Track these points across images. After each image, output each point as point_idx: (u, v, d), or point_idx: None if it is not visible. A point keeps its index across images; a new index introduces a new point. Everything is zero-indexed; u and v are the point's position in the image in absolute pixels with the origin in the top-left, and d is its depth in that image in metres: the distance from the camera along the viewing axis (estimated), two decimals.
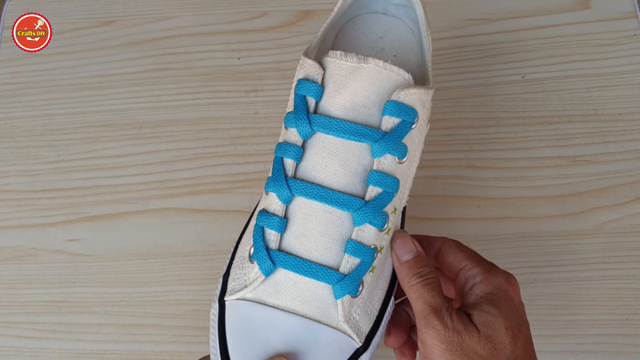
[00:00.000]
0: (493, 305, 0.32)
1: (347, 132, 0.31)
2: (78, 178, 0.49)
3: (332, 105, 0.32)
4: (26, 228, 0.48)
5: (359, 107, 0.32)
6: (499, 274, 0.34)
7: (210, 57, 0.53)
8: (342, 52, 0.32)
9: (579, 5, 0.55)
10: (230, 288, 0.33)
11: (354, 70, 0.31)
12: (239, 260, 0.34)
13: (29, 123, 0.52)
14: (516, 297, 0.34)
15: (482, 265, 0.34)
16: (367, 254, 0.32)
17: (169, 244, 0.47)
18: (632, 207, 0.48)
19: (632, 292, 0.45)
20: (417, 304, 0.32)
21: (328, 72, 0.32)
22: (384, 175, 0.32)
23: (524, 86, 0.52)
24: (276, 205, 0.32)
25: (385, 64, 0.31)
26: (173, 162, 0.50)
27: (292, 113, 0.33)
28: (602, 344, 0.44)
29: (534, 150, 0.50)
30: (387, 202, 0.32)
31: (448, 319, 0.31)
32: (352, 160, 0.32)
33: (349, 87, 0.32)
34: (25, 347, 0.45)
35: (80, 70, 0.53)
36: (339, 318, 0.32)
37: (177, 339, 0.45)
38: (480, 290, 0.33)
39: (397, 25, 0.42)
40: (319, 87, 0.32)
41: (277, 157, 0.33)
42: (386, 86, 0.32)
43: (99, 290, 0.46)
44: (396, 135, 0.32)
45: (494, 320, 0.31)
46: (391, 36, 0.41)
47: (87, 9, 0.56)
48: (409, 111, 0.32)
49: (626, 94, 0.51)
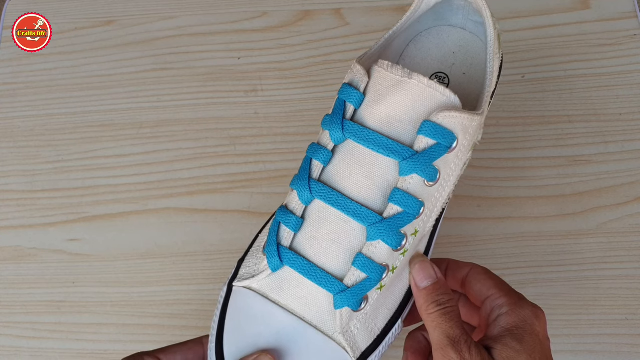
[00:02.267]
0: (517, 341, 0.31)
1: (377, 145, 0.31)
2: (78, 178, 0.49)
3: (368, 115, 0.31)
4: (26, 228, 0.48)
5: (395, 121, 0.31)
6: (526, 306, 0.32)
7: (210, 57, 0.53)
8: (389, 63, 0.31)
9: (579, 5, 0.55)
10: (241, 274, 0.34)
11: (397, 84, 0.31)
12: (255, 248, 0.34)
13: (29, 123, 0.52)
14: (542, 332, 0.32)
15: (510, 296, 0.33)
16: (375, 271, 0.31)
17: (169, 244, 0.47)
18: (632, 207, 0.48)
19: (632, 292, 0.45)
20: (435, 333, 0.31)
21: (372, 81, 0.32)
22: (406, 195, 0.31)
23: (524, 86, 0.52)
24: (296, 204, 0.32)
25: (429, 82, 0.30)
26: (173, 162, 0.50)
27: (330, 116, 0.32)
28: (602, 344, 0.44)
29: (533, 150, 0.50)
30: (405, 222, 0.31)
31: (466, 352, 0.30)
32: (377, 173, 0.31)
33: (388, 100, 0.31)
34: (25, 347, 0.45)
35: (80, 70, 0.53)
36: (335, 328, 0.31)
37: (177, 339, 0.45)
38: (505, 322, 0.32)
39: (473, 42, 0.40)
40: (360, 94, 0.32)
41: (307, 157, 0.33)
42: (427, 105, 0.31)
43: (99, 290, 0.46)
44: (427, 156, 0.31)
45: (517, 357, 0.30)
46: (465, 53, 0.40)
47: (87, 9, 0.56)
48: (446, 134, 0.31)
49: (626, 94, 0.51)
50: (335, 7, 0.55)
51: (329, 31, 0.54)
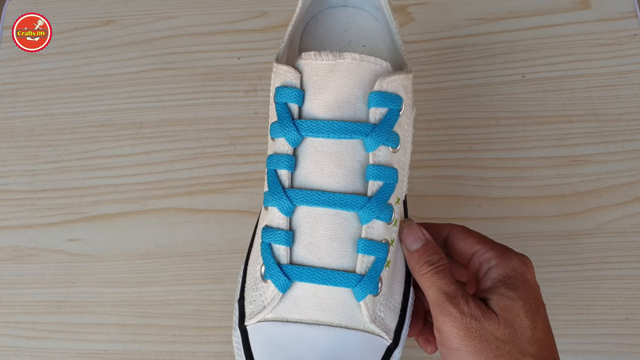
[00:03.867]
0: (511, 289, 0.32)
1: (337, 132, 0.31)
2: (78, 178, 0.49)
3: (316, 108, 0.31)
4: (26, 228, 0.48)
5: (344, 104, 0.31)
6: (513, 256, 0.33)
7: (210, 57, 0.53)
8: (315, 52, 0.31)
9: (579, 5, 0.55)
10: (249, 312, 0.32)
11: (332, 68, 0.31)
12: (252, 281, 0.33)
13: (29, 123, 0.52)
14: (532, 279, 0.33)
15: (496, 249, 0.34)
16: (380, 249, 0.31)
17: (169, 244, 0.47)
18: (632, 207, 0.48)
19: (632, 292, 0.45)
20: (430, 292, 0.32)
21: (306, 74, 0.31)
22: (381, 167, 0.31)
23: (524, 86, 0.52)
24: (279, 219, 0.31)
25: (361, 56, 0.31)
26: (173, 162, 0.50)
27: (277, 122, 0.32)
28: (602, 344, 0.44)
29: (534, 150, 0.50)
30: (389, 193, 0.31)
31: (464, 305, 0.31)
32: (347, 159, 0.31)
33: (330, 86, 0.31)
34: (25, 347, 0.45)
35: (80, 70, 0.53)
36: (364, 320, 0.31)
37: (177, 339, 0.45)
38: (496, 273, 0.33)
39: (359, 15, 0.41)
40: (299, 91, 0.31)
41: (270, 170, 0.32)
42: (367, 78, 0.31)
43: (99, 290, 0.46)
44: (386, 125, 0.31)
45: (513, 304, 0.31)
46: (355, 27, 0.40)
47: (87, 9, 0.56)
48: (394, 99, 0.31)
49: (626, 94, 0.51)
50: None
51: None
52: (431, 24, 0.54)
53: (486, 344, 0.30)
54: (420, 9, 0.55)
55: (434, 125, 0.50)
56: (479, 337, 0.30)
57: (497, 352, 0.30)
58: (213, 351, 0.44)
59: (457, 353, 0.31)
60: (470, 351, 0.30)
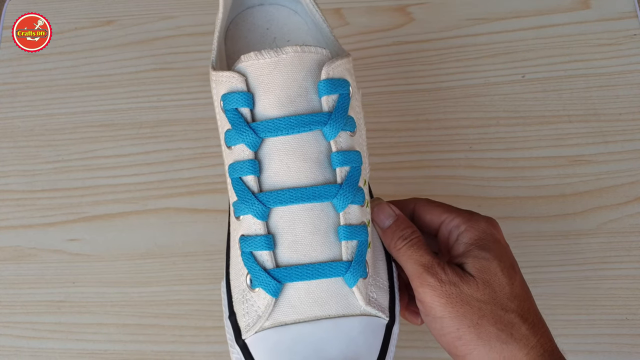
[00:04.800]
0: (484, 250, 0.32)
1: (295, 127, 0.31)
2: (78, 178, 0.49)
3: (269, 107, 0.31)
4: (26, 228, 0.48)
5: (295, 97, 0.31)
6: (480, 219, 0.34)
7: (210, 57, 0.53)
8: (255, 52, 0.31)
9: (579, 5, 0.55)
10: (244, 325, 0.32)
11: (276, 65, 0.31)
12: (239, 294, 0.33)
13: (28, 123, 0.52)
14: (502, 239, 0.34)
15: (462, 215, 0.35)
16: (361, 232, 0.31)
17: (169, 244, 0.47)
18: (632, 207, 0.48)
19: (632, 292, 0.45)
20: (408, 265, 0.33)
21: (250, 76, 0.31)
22: (345, 152, 0.31)
23: (524, 86, 0.52)
24: (256, 225, 0.31)
25: (302, 47, 0.31)
26: (172, 162, 0.50)
27: (232, 130, 0.31)
28: (602, 344, 0.44)
29: (533, 150, 0.49)
30: (358, 176, 0.32)
31: (442, 273, 0.31)
32: (310, 151, 0.31)
33: (278, 83, 0.31)
34: (25, 347, 0.45)
35: (80, 70, 0.53)
36: (360, 304, 0.31)
37: (177, 339, 0.45)
38: (467, 237, 0.33)
39: (278, 12, 0.41)
40: (248, 94, 0.31)
41: (235, 179, 0.32)
42: (312, 68, 0.31)
43: (99, 290, 0.46)
44: (341, 110, 0.31)
45: (489, 264, 0.32)
46: (277, 24, 0.40)
47: (87, 9, 0.56)
48: (343, 84, 0.32)
49: (626, 94, 0.51)
50: (335, 7, 0.55)
51: None
52: (431, 24, 0.54)
53: (468, 307, 0.31)
54: (420, 9, 0.55)
55: (434, 125, 0.50)
56: (460, 301, 0.31)
57: (480, 313, 0.31)
58: (213, 351, 0.44)
59: (441, 320, 0.31)
60: (453, 316, 0.31)
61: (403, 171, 0.49)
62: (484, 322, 0.31)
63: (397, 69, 0.53)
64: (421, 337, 0.44)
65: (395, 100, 0.52)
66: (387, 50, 0.53)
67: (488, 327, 0.31)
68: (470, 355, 0.31)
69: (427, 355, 0.44)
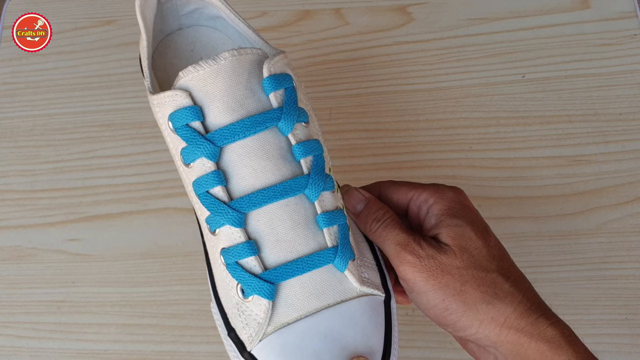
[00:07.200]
0: (456, 217, 0.33)
1: (250, 128, 0.31)
2: (78, 178, 0.49)
3: (220, 116, 0.31)
4: (26, 228, 0.48)
5: (244, 100, 0.31)
6: (446, 189, 0.35)
7: None
8: (193, 65, 0.31)
9: (579, 5, 0.55)
10: (247, 337, 0.32)
11: (216, 72, 0.31)
12: (233, 309, 0.32)
13: (29, 123, 0.52)
14: (470, 204, 0.35)
15: (428, 189, 0.35)
16: (339, 216, 0.32)
17: (169, 244, 0.47)
18: (632, 207, 0.48)
19: (632, 292, 0.45)
20: (385, 246, 0.33)
21: (194, 89, 0.31)
22: (305, 143, 0.32)
23: (524, 86, 0.52)
24: (235, 234, 0.31)
25: (238, 50, 0.31)
26: (172, 162, 0.49)
27: (188, 147, 0.31)
28: (602, 344, 0.44)
29: (533, 150, 0.50)
30: (322, 163, 0.32)
31: (419, 248, 0.32)
32: (271, 149, 0.31)
33: (223, 90, 0.31)
34: (25, 347, 0.45)
35: (80, 70, 0.53)
36: (355, 286, 0.32)
37: (177, 339, 0.45)
38: (437, 209, 0.34)
39: (197, 32, 0.41)
40: (196, 107, 0.31)
41: (202, 194, 0.31)
42: (252, 69, 0.31)
43: (99, 290, 0.46)
44: (290, 103, 0.32)
45: (462, 230, 0.32)
46: (200, 44, 0.41)
47: (87, 8, 0.56)
48: (285, 77, 0.32)
49: (626, 94, 0.51)
50: (335, 7, 0.55)
51: (329, 31, 0.54)
52: (431, 24, 0.54)
53: (449, 277, 0.31)
54: (420, 9, 0.55)
55: (434, 125, 0.50)
56: (441, 272, 0.31)
57: (462, 280, 0.31)
58: (213, 351, 0.44)
59: (426, 295, 0.32)
60: (437, 288, 0.31)
61: (403, 171, 0.49)
62: (467, 287, 0.31)
63: (397, 69, 0.53)
64: (421, 337, 0.44)
65: (395, 100, 0.52)
66: (387, 50, 0.53)
67: (472, 291, 0.31)
68: (459, 322, 0.31)
69: (427, 355, 0.44)
